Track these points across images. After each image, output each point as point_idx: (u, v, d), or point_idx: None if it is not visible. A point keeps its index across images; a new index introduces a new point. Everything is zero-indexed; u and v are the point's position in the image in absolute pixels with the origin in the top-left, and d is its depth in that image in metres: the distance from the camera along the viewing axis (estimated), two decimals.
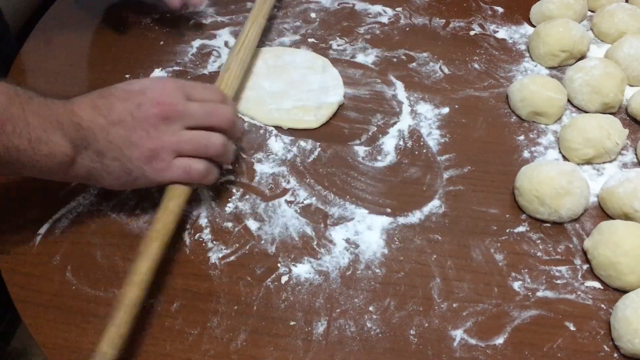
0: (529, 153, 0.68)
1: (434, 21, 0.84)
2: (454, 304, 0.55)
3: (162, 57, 0.78)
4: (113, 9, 0.85)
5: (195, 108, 0.57)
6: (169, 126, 0.56)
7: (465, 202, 0.63)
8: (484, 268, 0.58)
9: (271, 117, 0.70)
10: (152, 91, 0.56)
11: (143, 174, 0.56)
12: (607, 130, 0.65)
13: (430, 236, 0.60)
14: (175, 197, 0.56)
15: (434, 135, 0.69)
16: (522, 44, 0.81)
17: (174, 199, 0.56)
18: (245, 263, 0.58)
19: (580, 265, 0.58)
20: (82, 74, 0.76)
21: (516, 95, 0.71)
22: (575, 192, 0.60)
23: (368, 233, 0.60)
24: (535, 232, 0.61)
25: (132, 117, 0.55)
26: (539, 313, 0.55)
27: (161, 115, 0.55)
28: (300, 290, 0.56)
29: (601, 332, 0.53)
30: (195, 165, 0.57)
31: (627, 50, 0.74)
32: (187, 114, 0.57)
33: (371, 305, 0.55)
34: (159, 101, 0.56)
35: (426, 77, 0.76)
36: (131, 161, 0.55)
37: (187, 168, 0.57)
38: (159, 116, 0.55)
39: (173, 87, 0.57)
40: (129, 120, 0.54)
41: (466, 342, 0.53)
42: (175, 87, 0.58)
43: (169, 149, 0.56)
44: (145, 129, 0.55)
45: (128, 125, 0.54)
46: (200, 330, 0.53)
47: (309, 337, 0.53)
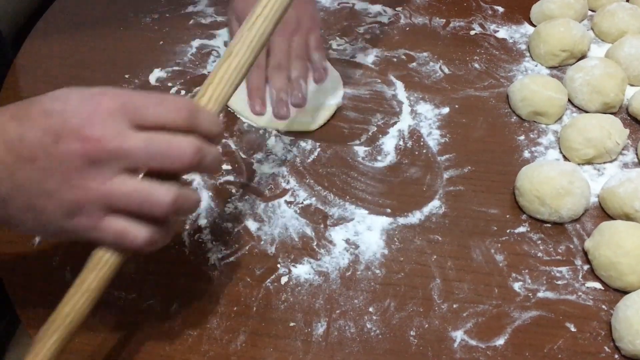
0: (529, 153, 0.68)
1: (434, 21, 0.84)
2: (454, 305, 0.55)
3: (161, 57, 0.77)
4: (112, 9, 0.85)
5: (137, 144, 0.40)
6: (98, 170, 0.40)
7: (466, 202, 0.63)
8: (484, 269, 0.58)
9: (269, 120, 0.70)
10: (77, 117, 0.40)
11: (63, 229, 0.42)
12: (607, 130, 0.65)
13: (431, 237, 0.60)
14: (98, 269, 0.43)
15: (434, 135, 0.69)
16: (522, 44, 0.80)
17: (96, 270, 0.43)
18: (244, 264, 0.57)
19: (580, 265, 0.58)
20: (81, 74, 0.76)
21: (516, 95, 0.71)
22: (575, 192, 0.59)
23: (368, 233, 0.60)
24: (536, 232, 0.60)
25: (46, 155, 0.39)
26: (539, 314, 0.54)
27: (86, 155, 0.39)
28: (300, 291, 0.56)
29: (602, 333, 0.53)
30: (133, 232, 0.41)
31: (628, 50, 0.74)
32: (125, 154, 0.40)
33: (371, 306, 0.55)
34: (85, 134, 0.39)
35: (426, 77, 0.76)
36: (46, 214, 0.41)
37: (120, 234, 0.41)
38: (82, 157, 0.39)
39: (110, 110, 0.40)
40: (42, 159, 0.39)
41: (466, 343, 0.52)
42: (114, 109, 0.40)
43: (96, 203, 0.40)
44: (65, 174, 0.39)
45: (41, 165, 0.39)
46: (200, 331, 0.53)
47: (309, 338, 0.53)
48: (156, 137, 0.41)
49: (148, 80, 0.74)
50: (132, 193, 0.41)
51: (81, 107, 0.40)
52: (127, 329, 0.53)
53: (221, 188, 0.64)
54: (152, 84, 0.74)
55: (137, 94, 0.42)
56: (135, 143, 0.40)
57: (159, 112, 0.41)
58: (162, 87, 0.74)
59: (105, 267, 0.43)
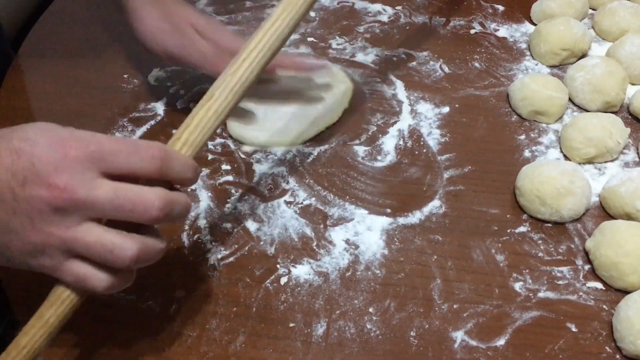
0: (529, 152, 0.67)
1: (434, 20, 0.83)
2: (454, 305, 0.55)
3: None
4: (111, 8, 0.84)
5: (103, 196, 0.40)
6: (62, 217, 0.40)
7: (466, 202, 0.63)
8: (484, 269, 0.57)
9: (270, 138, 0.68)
10: (47, 161, 0.39)
11: (28, 265, 0.42)
12: (608, 130, 0.65)
13: (431, 237, 0.60)
14: (57, 305, 0.43)
15: (434, 134, 0.69)
16: (522, 43, 0.80)
17: (55, 306, 0.43)
18: (244, 264, 0.57)
19: (581, 265, 0.58)
20: (80, 74, 0.76)
21: (517, 94, 0.70)
22: (576, 192, 0.59)
23: (368, 234, 0.60)
24: (537, 232, 0.60)
25: (13, 196, 0.39)
26: (540, 314, 0.54)
27: (51, 203, 0.39)
28: (300, 291, 0.55)
29: (603, 333, 0.53)
30: (92, 279, 0.41)
31: (629, 49, 0.73)
32: (91, 204, 0.40)
33: (371, 306, 0.54)
34: (52, 181, 0.39)
35: (426, 76, 0.75)
36: (10, 251, 0.41)
37: (81, 278, 0.42)
38: (48, 204, 0.39)
39: (78, 158, 0.40)
40: (8, 199, 0.39)
41: (467, 344, 0.52)
42: (83, 157, 0.40)
43: (58, 248, 0.40)
44: (30, 217, 0.40)
45: (7, 205, 0.40)
46: (199, 332, 0.52)
47: (309, 338, 0.52)
48: (123, 190, 0.40)
49: (147, 80, 0.74)
50: (94, 244, 0.40)
51: (50, 152, 0.40)
52: (127, 330, 0.53)
53: (220, 188, 0.63)
54: (152, 84, 0.74)
55: (109, 140, 0.41)
56: (101, 194, 0.40)
57: (130, 161, 0.41)
58: (161, 86, 0.74)
59: (64, 304, 0.43)
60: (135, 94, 0.73)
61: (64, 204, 0.39)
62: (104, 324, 0.53)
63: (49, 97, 0.73)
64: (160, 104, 0.72)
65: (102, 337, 0.52)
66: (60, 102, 0.72)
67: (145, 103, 0.72)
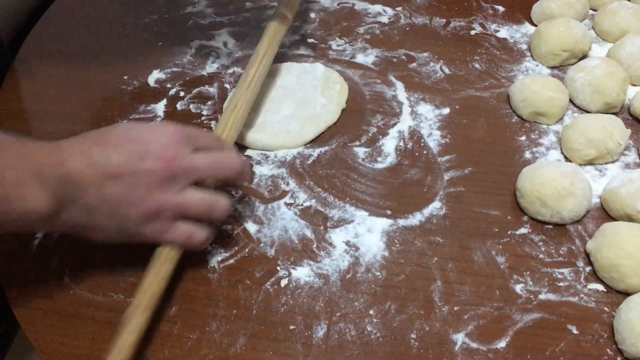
0: (530, 154, 0.67)
1: (435, 21, 0.83)
2: (455, 307, 0.54)
3: (160, 58, 0.77)
4: (111, 10, 0.85)
5: (202, 160, 0.52)
6: (173, 184, 0.50)
7: (466, 203, 0.62)
8: (485, 270, 0.57)
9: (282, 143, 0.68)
10: (156, 142, 0.51)
11: (139, 233, 0.51)
12: (609, 131, 0.65)
13: (431, 238, 0.60)
14: (167, 262, 0.52)
15: (435, 136, 0.69)
16: (523, 44, 0.80)
17: (166, 263, 0.52)
18: (244, 266, 0.57)
19: (582, 267, 0.57)
20: (79, 76, 0.76)
21: (517, 95, 0.70)
22: (577, 194, 0.59)
23: (368, 235, 0.60)
24: (537, 234, 0.60)
25: (132, 172, 0.49)
26: (541, 316, 0.54)
27: (166, 171, 0.50)
28: (300, 293, 0.55)
29: (604, 335, 0.53)
30: (198, 234, 0.53)
31: (630, 49, 0.73)
32: (194, 169, 0.51)
33: (371, 308, 0.54)
34: (164, 155, 0.50)
35: (426, 78, 0.75)
36: (128, 219, 0.50)
37: (189, 235, 0.52)
38: (164, 173, 0.50)
39: (178, 137, 0.52)
40: (128, 175, 0.49)
41: (468, 346, 0.52)
42: (181, 135, 0.52)
43: (171, 211, 0.51)
44: (147, 187, 0.49)
45: (127, 181, 0.49)
46: (199, 335, 0.52)
47: (309, 341, 0.52)
48: (213, 155, 0.53)
49: (147, 82, 0.74)
50: (201, 201, 0.52)
51: (156, 134, 0.51)
52: None
53: (220, 190, 0.63)
54: (151, 85, 0.74)
55: (190, 127, 0.54)
56: (200, 160, 0.52)
57: (207, 140, 0.54)
58: (161, 88, 0.74)
59: (173, 260, 0.53)
60: (135, 95, 0.73)
61: (175, 171, 0.50)
62: (104, 326, 0.53)
63: (48, 99, 0.73)
64: (160, 106, 0.72)
65: (102, 339, 0.52)
66: (59, 104, 0.72)
67: (145, 105, 0.72)
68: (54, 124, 0.71)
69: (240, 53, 0.78)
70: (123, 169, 0.49)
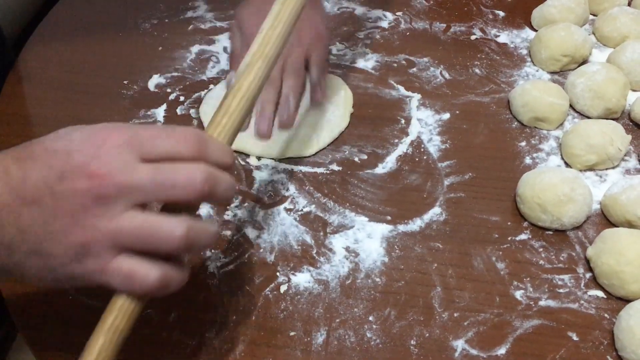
0: (530, 159, 0.67)
1: (435, 26, 0.83)
2: (455, 314, 0.54)
3: (160, 62, 0.77)
4: (111, 14, 0.85)
5: (146, 176, 0.38)
6: (105, 207, 0.38)
7: (467, 209, 0.62)
8: (485, 277, 0.57)
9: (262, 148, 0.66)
10: (83, 152, 0.38)
11: (72, 275, 0.39)
12: (609, 136, 0.65)
13: (431, 244, 0.59)
14: (115, 314, 0.40)
15: (435, 141, 0.69)
16: (523, 49, 0.80)
17: (114, 314, 0.40)
18: (243, 272, 0.57)
19: (583, 273, 0.57)
20: (80, 80, 0.76)
21: (518, 100, 0.70)
22: (577, 200, 0.59)
23: (368, 241, 0.59)
24: (538, 240, 0.60)
25: (51, 194, 0.38)
26: (541, 323, 0.54)
27: (93, 192, 0.37)
28: (300, 299, 0.55)
29: (604, 342, 0.53)
30: (142, 272, 0.39)
31: (630, 55, 0.73)
32: (133, 187, 0.38)
33: (371, 314, 0.54)
34: (91, 170, 0.38)
35: (427, 83, 0.75)
36: (53, 258, 0.38)
37: (129, 274, 0.39)
38: (89, 194, 0.37)
39: (116, 144, 0.39)
40: (47, 199, 0.38)
41: (467, 353, 0.52)
42: (121, 142, 0.39)
43: (105, 243, 0.38)
44: (71, 214, 0.38)
45: (46, 205, 0.38)
46: (198, 341, 0.52)
47: (309, 347, 0.52)
48: (163, 167, 0.39)
49: (147, 86, 0.74)
50: (140, 228, 0.38)
51: (86, 143, 0.39)
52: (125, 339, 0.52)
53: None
54: (151, 90, 0.74)
55: (144, 127, 0.41)
56: (144, 175, 0.38)
57: (167, 143, 0.40)
58: (161, 93, 0.74)
59: (124, 313, 0.40)
60: (135, 100, 0.73)
61: (106, 190, 0.38)
62: None
63: (49, 103, 0.73)
64: (160, 110, 0.72)
65: None
66: (59, 108, 0.72)
67: (145, 109, 0.72)
68: (53, 128, 0.69)
69: None
70: (41, 190, 0.38)
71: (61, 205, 0.38)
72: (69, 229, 0.38)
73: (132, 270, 0.39)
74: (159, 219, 0.39)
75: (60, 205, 0.38)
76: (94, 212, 0.38)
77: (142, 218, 0.38)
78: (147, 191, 0.38)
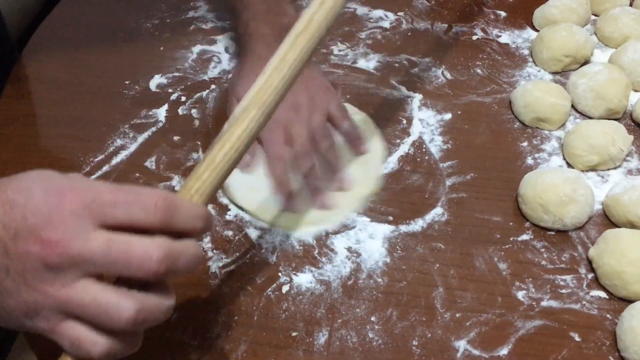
0: (532, 160, 0.67)
1: (436, 26, 0.83)
2: (457, 314, 0.54)
3: (162, 63, 0.77)
4: (113, 14, 0.85)
5: (98, 249, 0.37)
6: (57, 275, 0.37)
7: (468, 209, 0.62)
8: (487, 277, 0.57)
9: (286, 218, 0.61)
10: (37, 215, 0.37)
11: (25, 327, 0.39)
12: (611, 137, 0.64)
13: (433, 244, 0.59)
14: None
15: (436, 141, 0.69)
16: (525, 49, 0.80)
17: None
18: (245, 272, 0.57)
19: (585, 274, 0.57)
20: (81, 80, 0.76)
21: (519, 101, 0.70)
22: (579, 200, 0.59)
23: (370, 242, 0.59)
24: (540, 240, 0.60)
25: (5, 253, 0.37)
26: (543, 323, 0.54)
27: (43, 260, 0.36)
28: (302, 300, 0.55)
29: (607, 342, 0.53)
30: (88, 343, 0.38)
31: (632, 55, 0.73)
32: (84, 259, 0.37)
33: (373, 315, 0.54)
34: (43, 237, 0.36)
35: (428, 83, 0.75)
36: (5, 311, 0.38)
37: (76, 342, 0.38)
38: (40, 261, 0.37)
39: (73, 209, 0.37)
40: (1, 256, 0.37)
41: (470, 353, 0.52)
42: (78, 207, 0.37)
43: (53, 309, 0.37)
44: (23, 275, 0.37)
45: (1, 262, 0.37)
46: (200, 341, 0.52)
47: (311, 347, 0.52)
48: (117, 241, 0.37)
49: (148, 87, 0.74)
50: (89, 304, 0.37)
51: (43, 203, 0.37)
52: None
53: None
54: (153, 90, 0.74)
55: (108, 189, 0.38)
56: (94, 247, 0.37)
57: (130, 211, 0.38)
58: (163, 93, 0.73)
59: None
60: (137, 100, 0.73)
61: (57, 259, 0.36)
62: None
63: (50, 103, 0.73)
64: (162, 110, 0.72)
65: None
66: (61, 108, 0.72)
67: (146, 109, 0.72)
68: (55, 128, 0.71)
69: None
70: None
71: (14, 264, 0.37)
72: (20, 287, 0.37)
73: (79, 339, 0.38)
74: (110, 296, 0.37)
75: (13, 264, 0.37)
76: (45, 278, 0.37)
77: (93, 292, 0.37)
78: (98, 264, 0.37)
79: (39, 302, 0.37)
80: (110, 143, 0.68)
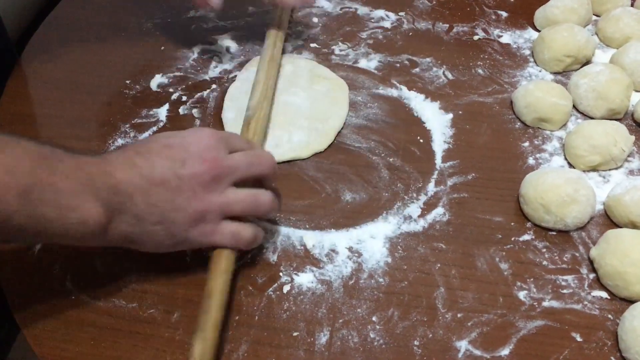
0: (534, 160, 0.67)
1: (437, 26, 0.83)
2: (458, 314, 0.54)
3: (162, 62, 0.77)
4: (113, 14, 0.85)
5: (240, 160, 0.53)
6: (217, 185, 0.51)
7: (470, 209, 0.62)
8: (488, 277, 0.57)
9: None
10: (196, 146, 0.52)
11: (187, 237, 0.51)
12: (613, 137, 0.64)
13: (434, 244, 0.59)
14: (225, 260, 0.53)
15: (438, 141, 0.69)
16: (526, 49, 0.80)
17: (224, 261, 0.53)
18: (246, 272, 0.57)
19: (586, 274, 0.57)
20: (82, 80, 0.75)
21: (521, 101, 0.70)
22: (581, 200, 0.59)
23: (371, 241, 0.59)
24: (541, 240, 0.60)
25: (176, 177, 0.50)
26: (545, 323, 0.54)
27: (209, 173, 0.51)
28: (303, 300, 0.55)
29: (608, 343, 0.53)
30: (244, 232, 0.53)
31: (633, 55, 0.73)
32: (234, 168, 0.52)
33: (374, 315, 0.54)
34: (206, 157, 0.51)
35: (429, 83, 0.75)
36: (175, 225, 0.50)
37: (235, 234, 0.53)
38: (207, 174, 0.51)
39: (216, 140, 0.53)
40: (172, 180, 0.50)
41: (471, 354, 0.52)
42: (217, 138, 0.53)
43: (216, 212, 0.51)
44: (192, 190, 0.50)
45: (172, 185, 0.50)
46: None
47: (312, 347, 0.52)
48: (249, 153, 0.54)
49: (149, 86, 0.74)
50: (244, 198, 0.53)
51: (195, 139, 0.52)
52: (128, 339, 0.52)
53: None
54: (154, 90, 0.74)
55: (224, 132, 0.60)
56: (238, 159, 0.53)
57: (240, 142, 0.56)
58: (164, 92, 0.73)
59: (229, 259, 0.53)
60: (138, 99, 0.73)
61: (219, 172, 0.51)
62: (105, 332, 0.52)
63: (51, 103, 0.73)
64: (163, 110, 0.71)
65: (103, 345, 0.52)
66: (62, 107, 0.72)
67: (147, 109, 0.71)
68: (56, 128, 0.71)
69: (242, 57, 0.78)
70: (167, 175, 0.50)
71: (185, 184, 0.50)
72: (190, 202, 0.50)
73: (237, 231, 0.53)
74: (254, 191, 0.54)
75: (184, 184, 0.50)
76: (209, 189, 0.51)
77: (242, 192, 0.53)
78: (242, 170, 0.53)
79: (205, 209, 0.51)
80: (111, 143, 0.67)
